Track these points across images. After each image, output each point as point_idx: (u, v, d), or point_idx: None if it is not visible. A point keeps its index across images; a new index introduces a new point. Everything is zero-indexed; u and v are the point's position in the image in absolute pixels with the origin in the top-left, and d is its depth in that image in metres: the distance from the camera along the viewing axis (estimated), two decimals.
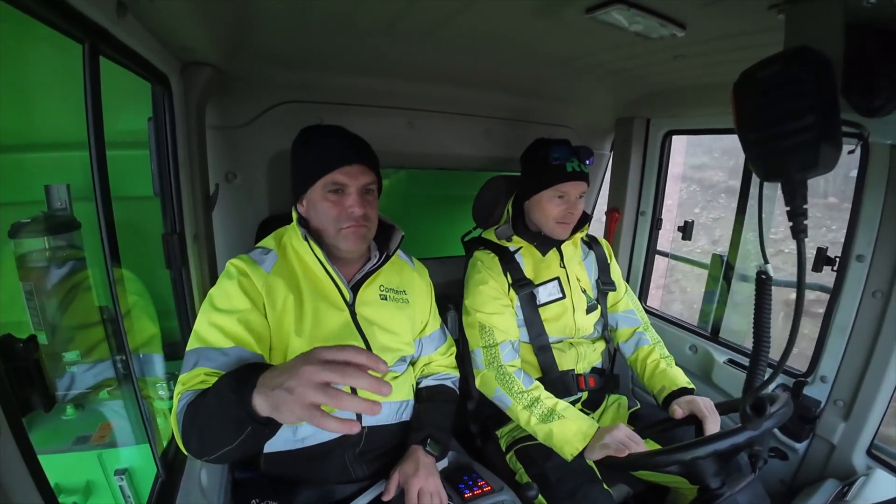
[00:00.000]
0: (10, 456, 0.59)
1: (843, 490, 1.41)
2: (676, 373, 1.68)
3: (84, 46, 0.89)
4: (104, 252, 1.04)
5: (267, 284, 1.25)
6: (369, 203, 1.29)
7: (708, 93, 1.73)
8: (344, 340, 1.30)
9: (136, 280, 1.48)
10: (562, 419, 1.45)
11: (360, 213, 1.25)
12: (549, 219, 1.65)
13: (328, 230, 1.28)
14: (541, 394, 1.54)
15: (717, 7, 1.04)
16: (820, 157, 0.74)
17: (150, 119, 1.32)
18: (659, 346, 1.79)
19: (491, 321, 1.62)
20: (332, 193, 1.25)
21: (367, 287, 1.38)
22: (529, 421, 1.50)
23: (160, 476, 1.17)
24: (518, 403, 1.53)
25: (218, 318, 1.17)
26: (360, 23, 1.23)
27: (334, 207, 1.25)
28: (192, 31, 1.19)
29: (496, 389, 1.57)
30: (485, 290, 1.65)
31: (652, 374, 1.72)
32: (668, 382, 1.64)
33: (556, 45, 1.40)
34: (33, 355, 0.67)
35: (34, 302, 1.27)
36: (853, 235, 1.53)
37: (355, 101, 1.84)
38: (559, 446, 1.44)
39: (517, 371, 1.59)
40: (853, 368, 1.55)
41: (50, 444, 1.33)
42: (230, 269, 1.26)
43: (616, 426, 1.38)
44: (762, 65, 0.80)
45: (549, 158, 1.59)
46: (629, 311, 1.86)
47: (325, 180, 1.24)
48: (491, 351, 1.60)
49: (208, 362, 1.11)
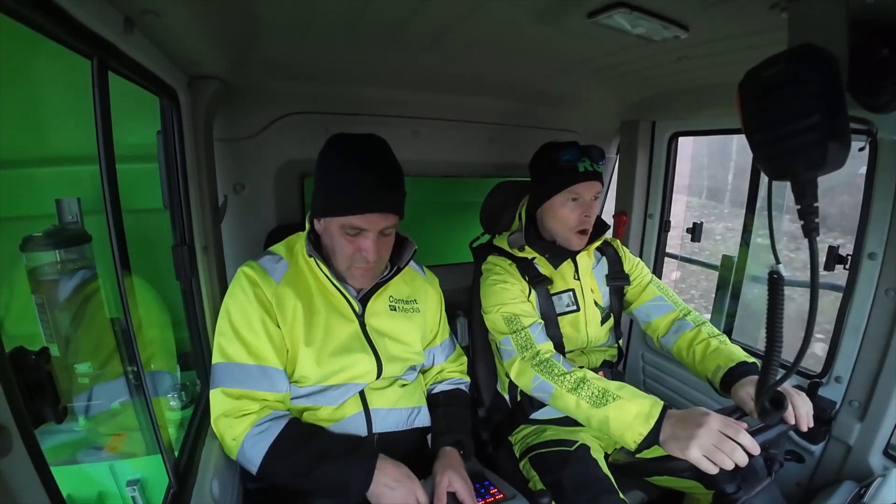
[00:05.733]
0: (23, 467, 0.60)
1: (861, 492, 1.39)
2: (732, 348, 1.47)
3: (93, 62, 0.91)
4: (115, 264, 1.05)
5: (277, 295, 1.26)
6: (385, 245, 1.28)
7: (713, 94, 1.72)
8: (354, 351, 1.31)
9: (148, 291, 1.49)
10: (618, 400, 1.27)
11: (374, 259, 1.25)
12: (565, 227, 1.58)
13: (339, 263, 1.28)
14: (586, 374, 1.37)
15: (719, 8, 1.03)
16: (828, 156, 0.74)
17: (158, 132, 1.34)
18: (706, 326, 1.59)
19: (515, 310, 1.54)
20: (349, 234, 1.23)
21: (377, 298, 1.39)
22: (579, 405, 1.32)
23: (172, 487, 1.17)
24: (562, 387, 1.36)
25: (237, 329, 1.22)
26: (365, 31, 1.24)
27: (349, 246, 1.24)
28: (198, 45, 1.20)
29: (534, 377, 1.41)
30: (506, 288, 1.58)
31: (703, 357, 1.50)
32: (723, 360, 1.42)
33: (560, 50, 1.40)
34: (45, 367, 0.67)
35: (46, 314, 1.28)
36: (864, 233, 1.51)
37: (361, 111, 1.86)
38: (619, 433, 1.25)
39: (555, 355, 1.45)
40: (868, 368, 1.52)
41: (62, 455, 1.34)
42: (241, 278, 1.27)
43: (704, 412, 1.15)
44: (766, 64, 0.80)
45: (558, 160, 1.54)
46: (657, 299, 1.71)
47: (342, 221, 1.21)
48: (521, 335, 1.49)
49: (232, 382, 1.20)
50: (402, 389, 1.40)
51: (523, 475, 1.61)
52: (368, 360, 1.33)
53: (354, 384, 1.32)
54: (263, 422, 1.18)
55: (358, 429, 1.31)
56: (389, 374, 1.37)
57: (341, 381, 1.31)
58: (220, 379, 1.21)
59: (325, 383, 1.30)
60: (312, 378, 1.28)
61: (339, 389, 1.31)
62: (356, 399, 1.33)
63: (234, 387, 1.20)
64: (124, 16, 0.92)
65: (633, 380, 2.45)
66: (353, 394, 1.33)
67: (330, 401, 1.30)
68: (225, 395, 1.19)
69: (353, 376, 1.31)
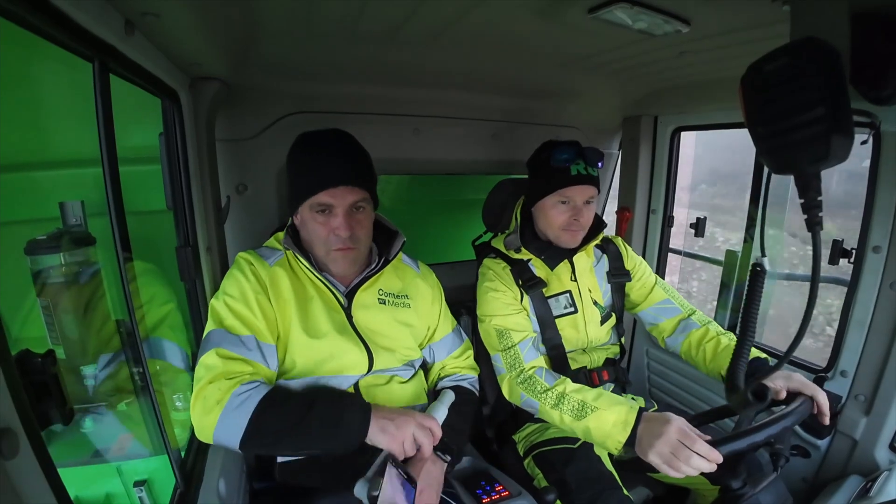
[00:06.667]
0: (30, 469, 0.60)
1: (867, 486, 1.39)
2: None
3: (94, 64, 0.91)
4: (119, 266, 1.05)
5: (270, 275, 1.29)
6: (358, 222, 1.28)
7: (715, 88, 1.72)
8: (343, 342, 1.32)
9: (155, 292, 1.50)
10: (596, 411, 1.32)
11: (347, 235, 1.26)
12: (554, 227, 1.57)
13: (318, 251, 1.31)
14: (566, 388, 1.41)
15: (721, 1, 1.03)
16: (831, 149, 0.73)
17: (160, 134, 1.35)
18: (713, 325, 1.60)
19: (506, 323, 1.56)
20: (320, 214, 1.26)
21: (365, 291, 1.39)
22: (563, 419, 1.38)
23: (179, 487, 1.17)
24: (545, 404, 1.42)
25: (234, 303, 1.24)
26: (365, 30, 1.24)
27: (322, 228, 1.26)
28: (199, 46, 1.20)
29: (521, 395, 1.47)
30: (497, 297, 1.59)
31: (714, 356, 1.51)
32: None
33: (561, 46, 1.40)
34: (51, 369, 0.68)
35: (51, 317, 1.28)
36: (868, 226, 1.51)
37: (362, 110, 1.86)
38: (601, 442, 1.32)
39: (538, 370, 1.48)
40: (873, 362, 1.52)
41: (69, 456, 1.34)
42: (239, 261, 1.32)
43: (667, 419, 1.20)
44: (769, 58, 0.80)
45: (551, 161, 1.52)
46: (664, 301, 1.71)
47: (311, 201, 1.25)
48: (510, 353, 1.52)
49: (229, 345, 1.18)
50: (400, 386, 1.40)
51: (528, 473, 1.62)
52: (358, 350, 1.33)
53: (346, 376, 1.32)
54: (252, 382, 1.14)
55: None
56: (382, 366, 1.36)
57: (332, 371, 1.31)
58: (215, 342, 1.19)
59: (315, 374, 1.30)
60: (301, 364, 1.28)
61: (331, 382, 1.31)
62: (350, 392, 1.33)
63: (230, 350, 1.17)
64: (125, 18, 0.92)
65: (638, 377, 2.45)
66: (347, 388, 1.33)
67: None
68: (219, 356, 1.15)
69: (343, 366, 1.31)
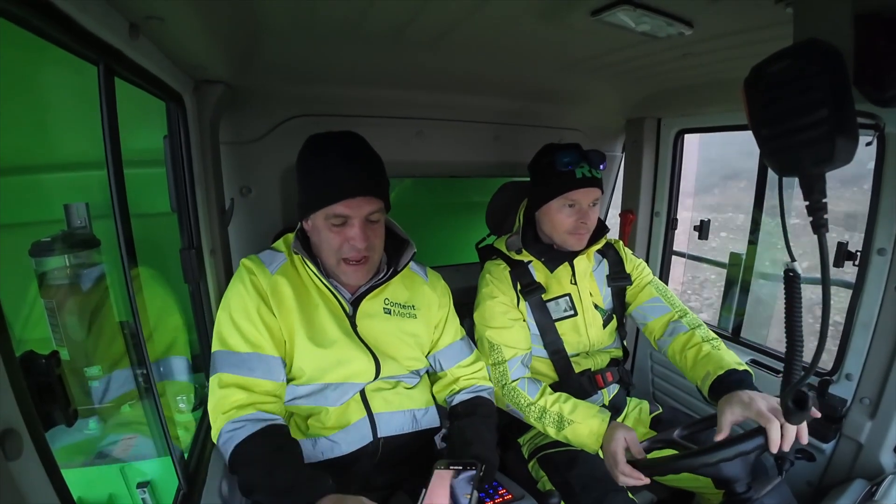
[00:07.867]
0: (34, 470, 0.60)
1: (872, 490, 1.38)
2: (723, 354, 1.44)
3: (99, 67, 0.92)
4: (123, 268, 1.06)
5: (272, 284, 1.27)
6: (374, 231, 1.27)
7: (718, 90, 1.71)
8: (348, 350, 1.31)
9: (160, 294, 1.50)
10: (572, 425, 1.43)
11: (363, 246, 1.24)
12: (560, 230, 1.57)
13: (329, 259, 1.29)
14: (546, 402, 1.48)
15: (723, 3, 1.03)
16: (836, 150, 0.73)
17: (165, 137, 1.35)
18: (700, 330, 1.56)
19: (499, 338, 1.57)
20: (335, 225, 1.23)
21: (370, 300, 1.37)
22: (547, 430, 1.48)
23: (182, 488, 1.18)
24: (529, 416, 1.51)
25: (237, 317, 1.23)
26: (368, 32, 1.25)
27: (336, 237, 1.24)
28: (203, 49, 1.21)
29: (507, 406, 1.55)
30: (493, 305, 1.59)
31: (695, 363, 1.48)
32: (712, 367, 1.39)
33: (564, 48, 1.40)
34: (56, 371, 0.68)
35: (56, 319, 1.29)
36: (873, 229, 1.50)
37: (365, 113, 1.86)
38: (582, 448, 1.44)
39: (520, 383, 1.53)
40: (879, 365, 1.51)
41: (73, 458, 1.35)
42: (241, 269, 1.30)
43: (609, 438, 1.33)
44: (772, 60, 0.80)
45: (556, 164, 1.51)
46: (654, 300, 1.68)
47: (326, 211, 1.22)
48: (499, 369, 1.55)
49: (231, 368, 1.20)
50: (406, 392, 1.40)
51: (532, 476, 1.62)
52: (366, 358, 1.32)
53: (353, 384, 1.32)
54: (237, 421, 1.15)
55: (363, 434, 1.31)
56: (388, 373, 1.36)
57: (339, 378, 1.30)
58: (218, 365, 1.22)
59: (322, 381, 1.29)
60: (309, 371, 1.28)
61: (338, 389, 1.30)
62: (358, 402, 1.33)
63: (231, 373, 1.20)
64: (129, 22, 0.93)
65: (642, 380, 2.44)
66: (353, 394, 1.32)
67: (331, 401, 1.30)
68: (219, 386, 1.19)
69: (350, 374, 1.31)
